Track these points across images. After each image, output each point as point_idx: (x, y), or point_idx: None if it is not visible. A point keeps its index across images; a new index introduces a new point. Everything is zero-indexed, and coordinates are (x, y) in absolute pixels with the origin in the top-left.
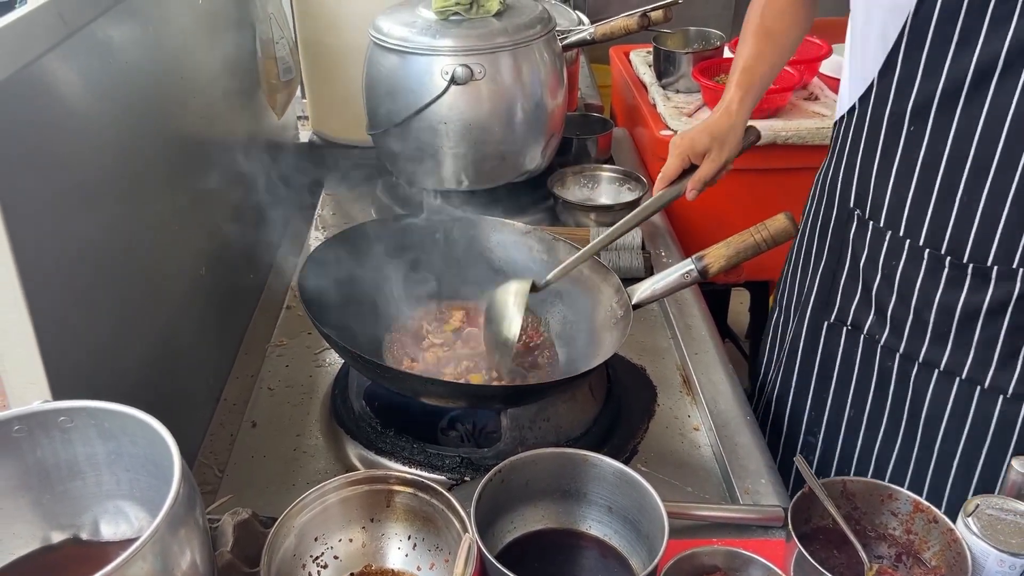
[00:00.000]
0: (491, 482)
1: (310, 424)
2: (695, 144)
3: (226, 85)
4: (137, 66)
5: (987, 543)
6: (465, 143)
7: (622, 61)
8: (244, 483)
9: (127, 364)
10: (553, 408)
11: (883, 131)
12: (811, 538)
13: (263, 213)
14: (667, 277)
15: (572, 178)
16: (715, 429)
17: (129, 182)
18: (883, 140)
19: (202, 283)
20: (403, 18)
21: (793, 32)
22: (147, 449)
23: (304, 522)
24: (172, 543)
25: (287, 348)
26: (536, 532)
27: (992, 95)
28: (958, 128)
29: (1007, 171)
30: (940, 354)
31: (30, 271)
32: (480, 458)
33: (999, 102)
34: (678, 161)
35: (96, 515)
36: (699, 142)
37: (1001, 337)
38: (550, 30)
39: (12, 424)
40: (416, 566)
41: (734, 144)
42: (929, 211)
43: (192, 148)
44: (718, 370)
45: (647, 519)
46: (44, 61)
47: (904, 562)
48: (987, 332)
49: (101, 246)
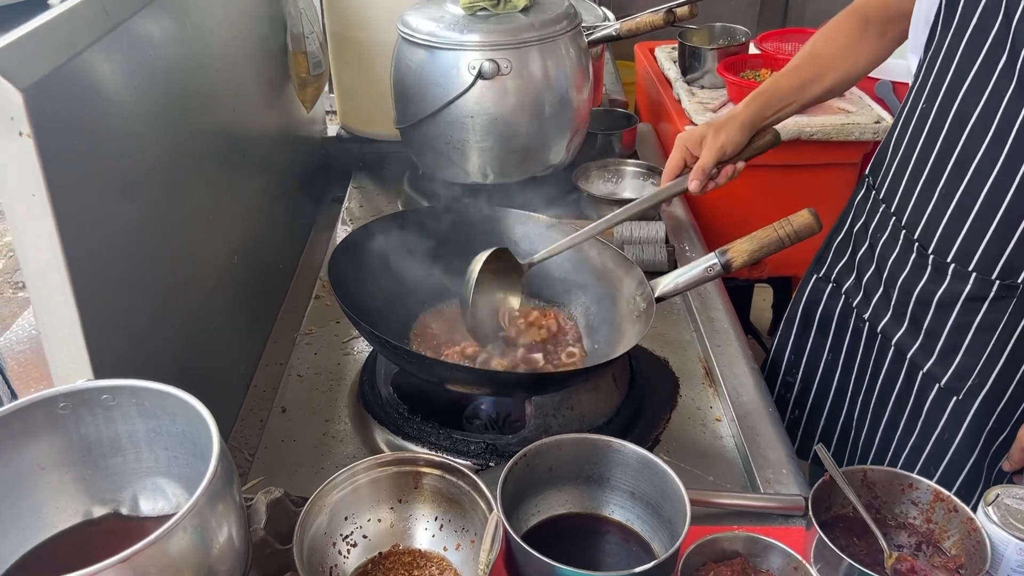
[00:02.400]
0: (516, 466)
1: (339, 410)
2: (691, 135)
3: (257, 79)
4: (174, 60)
5: (1007, 532)
6: (491, 137)
7: (647, 57)
8: (274, 466)
9: (162, 349)
10: (577, 397)
11: (907, 104)
12: (831, 526)
13: (292, 205)
14: (691, 271)
15: (596, 172)
16: (737, 420)
17: (165, 173)
18: (904, 112)
19: (234, 272)
20: (431, 13)
21: (842, 63)
22: (186, 428)
23: (335, 501)
24: (210, 517)
25: (316, 336)
26: (560, 516)
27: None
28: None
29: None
30: (895, 330)
31: (75, 257)
32: (505, 444)
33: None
34: (679, 154)
35: (136, 491)
36: (695, 133)
37: (946, 330)
38: (576, 26)
39: (58, 401)
40: (443, 546)
41: (731, 134)
42: (915, 193)
43: (224, 141)
44: (740, 362)
45: (669, 504)
46: (88, 54)
47: (924, 551)
48: (935, 322)
49: (139, 234)
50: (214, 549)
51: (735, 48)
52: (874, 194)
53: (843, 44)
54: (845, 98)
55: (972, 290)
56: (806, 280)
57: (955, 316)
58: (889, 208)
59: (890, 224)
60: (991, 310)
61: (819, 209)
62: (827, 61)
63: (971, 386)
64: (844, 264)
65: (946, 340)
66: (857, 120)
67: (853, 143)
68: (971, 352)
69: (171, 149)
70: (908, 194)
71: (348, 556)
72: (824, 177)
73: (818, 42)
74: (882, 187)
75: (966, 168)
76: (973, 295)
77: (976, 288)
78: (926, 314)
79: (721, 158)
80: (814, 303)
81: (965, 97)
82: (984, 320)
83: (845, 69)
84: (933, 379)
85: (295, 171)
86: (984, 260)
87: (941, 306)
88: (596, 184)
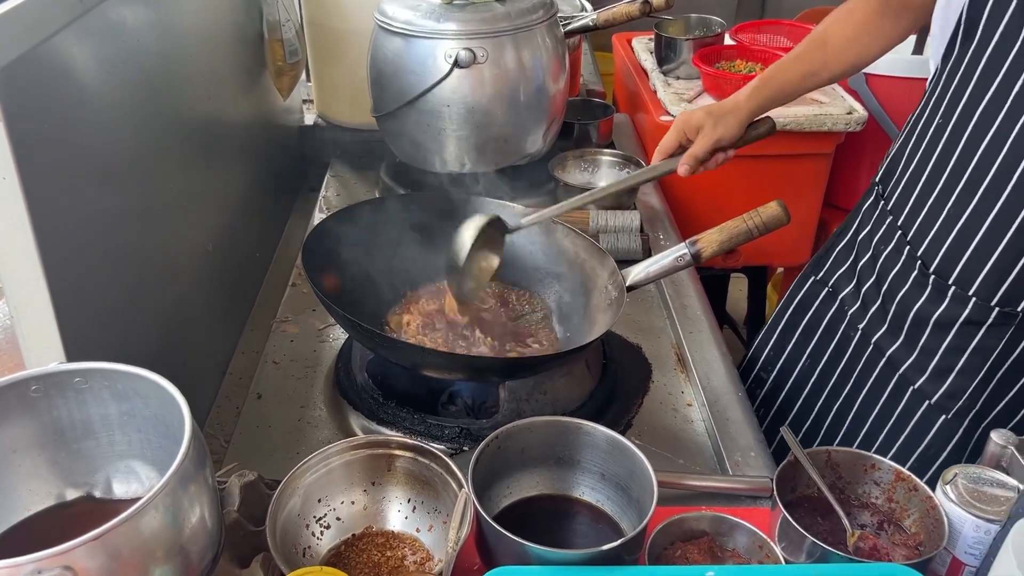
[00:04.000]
0: (488, 448)
1: (314, 396)
2: (691, 119)
3: (233, 67)
4: (148, 46)
5: (964, 510)
6: (468, 126)
7: (624, 47)
8: (249, 452)
9: (137, 336)
10: (550, 382)
11: (923, 116)
12: (796, 506)
13: (269, 193)
14: (661, 260)
15: (573, 162)
16: (707, 405)
17: (139, 159)
18: (920, 124)
19: (210, 259)
20: (408, 2)
21: (855, 47)
22: (159, 410)
23: (308, 484)
24: (182, 497)
25: (292, 324)
26: (531, 497)
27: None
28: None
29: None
30: (890, 343)
31: (47, 241)
32: (479, 429)
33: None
34: (675, 135)
35: (109, 474)
36: (695, 117)
37: (941, 350)
38: (552, 16)
39: (29, 384)
40: (415, 528)
41: (731, 127)
42: (924, 210)
43: (199, 128)
44: (711, 348)
45: (637, 485)
46: (59, 39)
47: (886, 529)
48: (930, 341)
49: (113, 220)
50: (186, 529)
51: (710, 39)
52: (882, 204)
53: (859, 27)
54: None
55: (970, 315)
56: (802, 281)
57: (951, 338)
58: (896, 220)
59: (895, 237)
60: (988, 335)
61: (792, 199)
62: (839, 46)
63: (961, 407)
64: (844, 271)
65: (940, 360)
66: (830, 111)
67: (826, 134)
68: (964, 374)
69: (145, 136)
70: (917, 209)
71: (321, 538)
72: (797, 167)
73: (831, 27)
74: (891, 198)
75: (975, 190)
76: (971, 319)
77: (975, 313)
78: (922, 332)
79: (716, 148)
80: (805, 305)
81: (980, 118)
82: (980, 344)
83: (857, 53)
84: (924, 395)
85: (272, 159)
86: (985, 286)
87: (938, 326)
88: (573, 173)
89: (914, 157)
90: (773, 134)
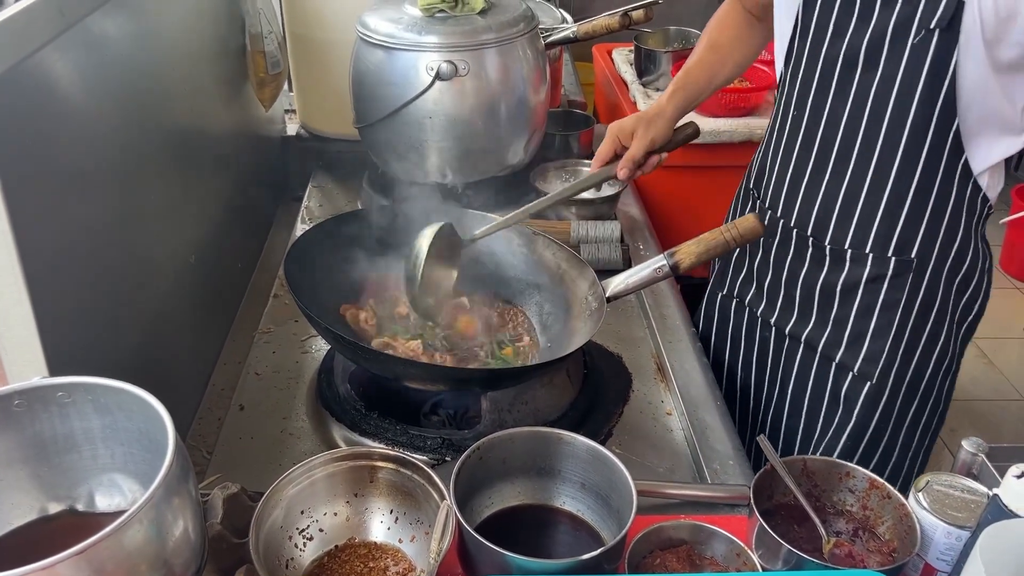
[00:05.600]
0: (469, 459)
1: (296, 407)
2: (624, 126)
3: (215, 78)
4: (130, 59)
5: (935, 517)
6: (449, 137)
7: (605, 59)
8: (232, 464)
9: (119, 348)
10: (532, 392)
11: (778, 116)
12: (773, 514)
13: (251, 204)
14: (640, 272)
15: (554, 173)
16: (686, 413)
17: (122, 171)
18: (777, 124)
19: (191, 271)
20: (389, 14)
21: (738, 49)
22: (142, 424)
23: (291, 495)
24: (166, 511)
25: (274, 335)
26: (512, 508)
27: (856, 84)
28: (829, 114)
29: (865, 156)
30: (803, 328)
31: (30, 255)
32: (460, 439)
33: (861, 91)
34: (610, 142)
35: (92, 487)
36: (627, 124)
37: (851, 317)
38: (533, 28)
39: (12, 399)
40: (398, 539)
41: (661, 128)
42: (800, 193)
43: (182, 140)
44: (690, 357)
45: (617, 494)
46: (42, 54)
47: (861, 536)
48: (840, 311)
49: (95, 233)
50: (170, 543)
51: (688, 51)
52: (759, 203)
53: (735, 32)
54: None
55: (871, 271)
56: (711, 299)
57: (859, 300)
58: (776, 213)
59: (779, 228)
60: (891, 288)
61: None
62: (726, 48)
63: (882, 368)
64: (744, 277)
65: (853, 327)
66: None
67: None
68: (878, 335)
69: (128, 148)
70: (793, 195)
71: (304, 549)
72: None
73: (713, 32)
74: (766, 195)
75: (848, 160)
76: (873, 276)
77: (875, 268)
78: (831, 305)
79: (650, 149)
80: (724, 319)
81: (833, 103)
82: (886, 300)
83: (743, 53)
84: (846, 368)
85: (254, 170)
86: (878, 240)
87: (844, 292)
88: (554, 184)
89: (779, 150)
90: (697, 137)
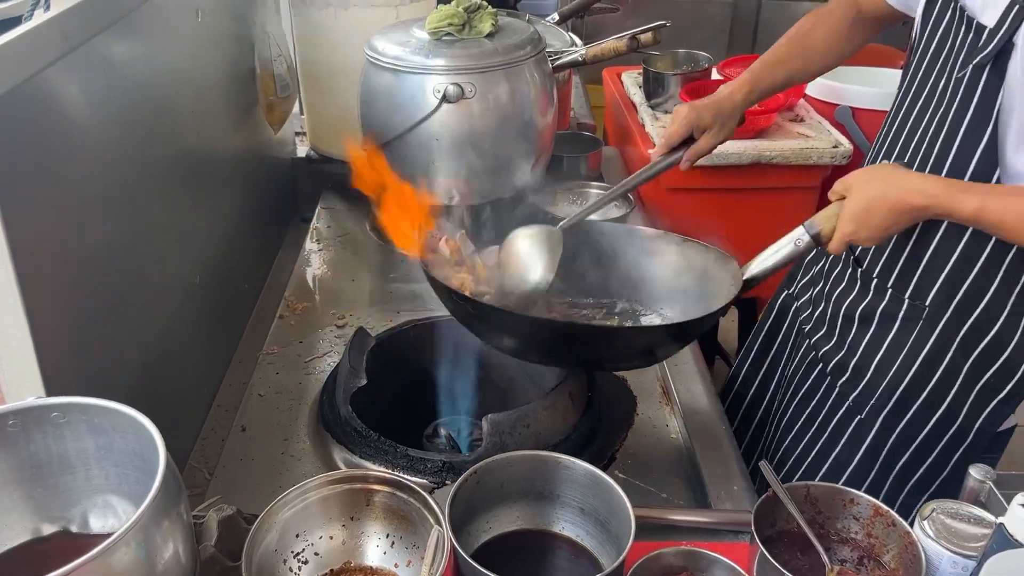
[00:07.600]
0: (466, 483)
1: (298, 429)
2: (701, 118)
3: (224, 100)
4: (137, 80)
5: (940, 545)
6: (456, 159)
7: (614, 81)
8: (232, 485)
9: (122, 369)
10: (533, 415)
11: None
12: (775, 541)
13: (259, 225)
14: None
15: (562, 194)
16: (691, 438)
17: (127, 193)
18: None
19: (197, 292)
20: (398, 38)
21: (828, 54)
22: (136, 445)
23: (286, 519)
24: (155, 533)
25: (278, 356)
26: (510, 533)
27: None
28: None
29: None
30: (824, 344)
31: (28, 276)
32: (461, 462)
33: None
34: (684, 130)
35: (85, 508)
36: (704, 118)
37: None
38: (540, 51)
39: (7, 419)
40: (394, 563)
41: (731, 127)
42: None
43: (189, 161)
44: (696, 381)
45: (616, 519)
46: (46, 75)
47: (865, 564)
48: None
49: (98, 254)
50: (159, 565)
51: (697, 74)
52: None
53: (835, 33)
54: (805, 123)
55: (887, 306)
56: (776, 295)
57: (872, 331)
58: None
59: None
60: (901, 330)
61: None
62: (819, 50)
63: (873, 406)
64: (808, 280)
65: (861, 356)
66: (816, 145)
67: (812, 167)
68: (879, 371)
69: (134, 169)
70: None
71: (299, 573)
72: (785, 200)
73: (812, 31)
74: None
75: None
76: (887, 311)
77: (890, 304)
78: (850, 328)
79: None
80: (781, 319)
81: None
82: (895, 339)
83: (835, 56)
84: (844, 397)
85: (262, 191)
86: (900, 278)
87: (863, 320)
88: (561, 206)
89: None
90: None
